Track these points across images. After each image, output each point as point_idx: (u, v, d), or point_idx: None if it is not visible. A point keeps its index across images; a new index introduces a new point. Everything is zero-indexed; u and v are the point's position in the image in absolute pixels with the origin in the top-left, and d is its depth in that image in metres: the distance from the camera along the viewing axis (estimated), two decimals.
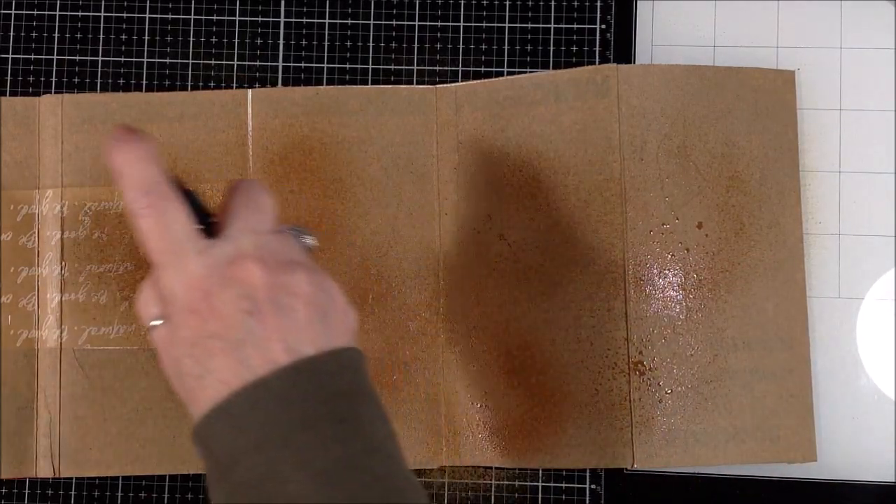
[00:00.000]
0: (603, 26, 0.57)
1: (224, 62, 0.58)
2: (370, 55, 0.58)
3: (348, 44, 0.58)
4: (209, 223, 0.39)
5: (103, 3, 0.58)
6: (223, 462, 0.36)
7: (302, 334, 0.37)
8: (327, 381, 0.37)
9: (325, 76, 0.57)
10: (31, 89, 0.57)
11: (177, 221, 0.38)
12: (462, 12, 0.58)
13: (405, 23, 0.58)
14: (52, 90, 0.57)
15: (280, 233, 0.40)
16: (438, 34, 0.57)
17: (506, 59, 0.57)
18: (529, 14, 0.57)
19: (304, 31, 0.58)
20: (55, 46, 0.58)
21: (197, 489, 0.55)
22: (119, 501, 0.55)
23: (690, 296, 0.54)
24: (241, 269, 0.37)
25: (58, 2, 0.58)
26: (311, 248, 0.42)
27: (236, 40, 0.58)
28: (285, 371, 0.36)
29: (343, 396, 0.37)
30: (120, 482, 0.56)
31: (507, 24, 0.57)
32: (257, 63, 0.58)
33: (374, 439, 0.37)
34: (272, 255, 0.38)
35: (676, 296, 0.54)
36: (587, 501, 0.55)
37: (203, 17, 0.58)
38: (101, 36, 0.58)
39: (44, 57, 0.58)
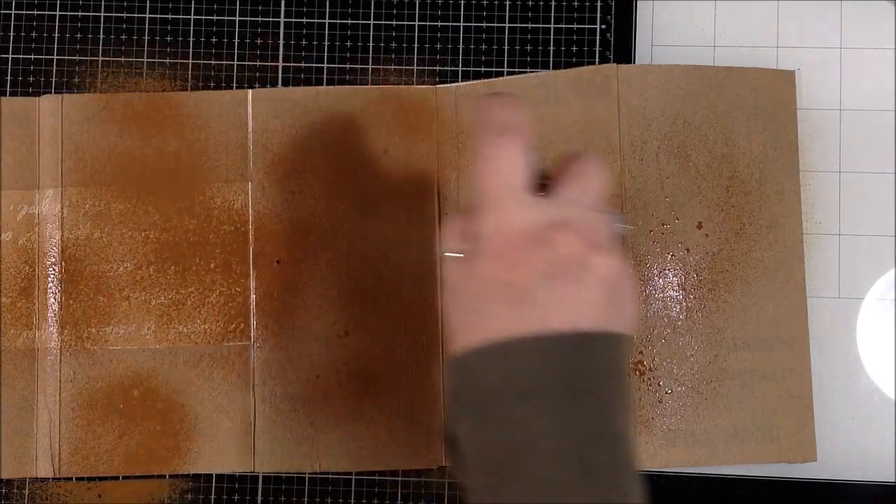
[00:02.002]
0: (603, 26, 0.57)
1: (224, 62, 0.58)
2: (370, 55, 0.58)
3: (348, 44, 0.58)
4: (541, 184, 0.41)
5: (103, 3, 0.58)
6: (481, 396, 0.38)
7: (587, 311, 0.38)
8: (597, 358, 0.38)
9: (325, 76, 0.57)
10: (31, 89, 0.57)
11: (515, 170, 0.39)
12: (462, 12, 0.58)
13: (405, 23, 0.58)
14: (52, 90, 0.57)
15: (601, 213, 0.41)
16: (438, 34, 0.57)
17: (506, 59, 0.57)
18: (529, 14, 0.57)
19: (304, 31, 0.58)
20: (55, 46, 0.58)
21: (197, 489, 0.55)
22: (119, 501, 0.55)
23: (690, 296, 0.54)
24: (556, 235, 0.39)
25: (58, 2, 0.58)
26: (624, 236, 0.43)
27: (236, 40, 0.58)
28: (563, 337, 0.38)
29: (606, 376, 0.38)
30: (120, 482, 0.56)
31: (507, 24, 0.57)
32: (257, 63, 0.58)
33: (618, 425, 0.38)
34: (588, 231, 0.39)
35: (676, 296, 0.54)
36: None
37: (203, 17, 0.58)
38: (101, 36, 0.58)
39: (44, 57, 0.58)
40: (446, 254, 0.41)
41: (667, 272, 0.55)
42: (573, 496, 0.36)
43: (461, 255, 0.40)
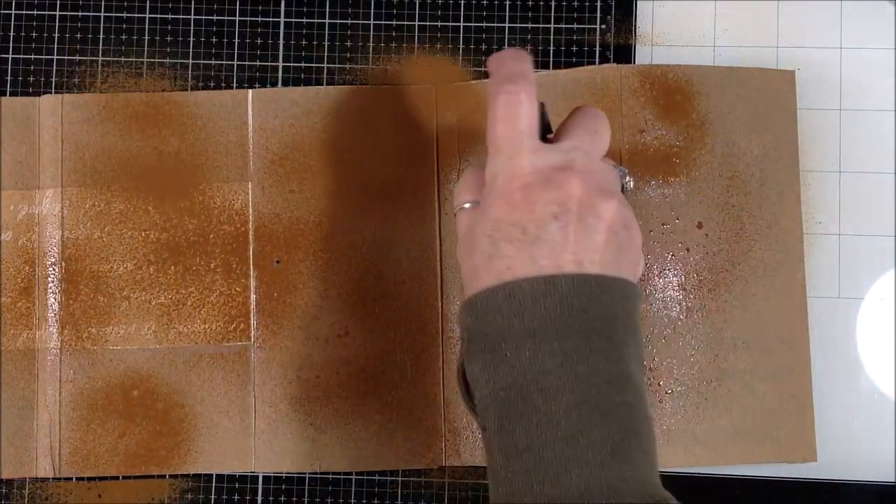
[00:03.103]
0: (603, 26, 0.57)
1: (224, 62, 0.58)
2: (370, 55, 0.58)
3: (348, 44, 0.58)
4: (546, 137, 0.42)
5: (103, 3, 0.58)
6: (492, 336, 0.39)
7: (594, 255, 0.39)
8: (605, 301, 0.39)
9: (325, 76, 0.57)
10: (31, 89, 0.57)
11: (525, 116, 0.40)
12: (462, 12, 0.58)
13: (405, 23, 0.58)
14: (52, 90, 0.57)
15: (605, 162, 0.42)
16: (438, 34, 0.57)
17: None
18: (529, 14, 0.57)
19: (304, 31, 0.58)
20: (55, 46, 0.58)
21: (197, 489, 0.56)
22: (119, 501, 0.55)
23: (690, 296, 0.54)
24: (564, 178, 0.39)
25: (58, 2, 0.58)
26: (627, 189, 0.44)
27: (236, 40, 0.58)
28: (571, 278, 0.38)
29: (614, 319, 0.39)
30: (120, 482, 0.56)
31: (507, 24, 0.57)
32: (257, 63, 0.58)
33: (631, 370, 0.39)
34: (595, 177, 0.40)
35: (676, 296, 0.54)
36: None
37: (203, 17, 0.58)
38: (101, 36, 0.58)
39: (44, 57, 0.58)
40: (457, 207, 0.42)
41: (667, 272, 0.55)
42: (579, 432, 0.36)
43: (470, 206, 0.42)
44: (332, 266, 0.55)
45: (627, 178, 0.44)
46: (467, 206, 0.42)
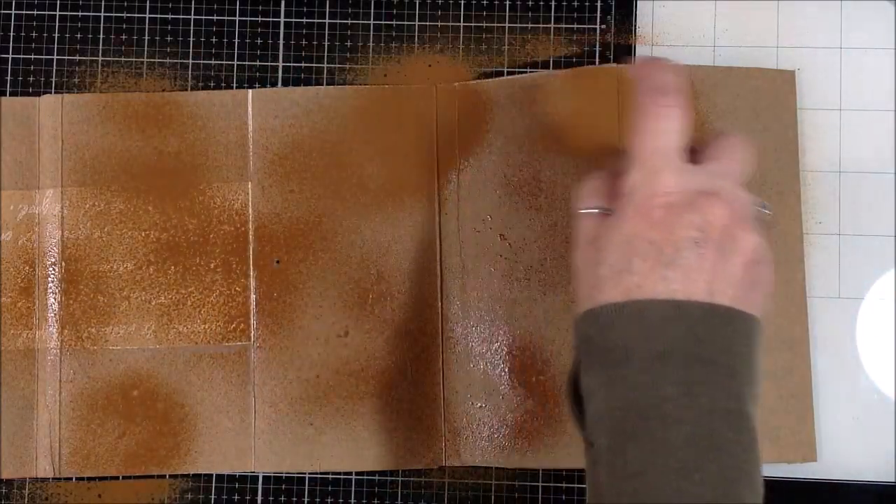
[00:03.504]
0: (603, 26, 0.57)
1: (224, 62, 0.58)
2: (370, 55, 0.58)
3: (348, 44, 0.58)
4: (689, 156, 0.41)
5: (103, 3, 0.58)
6: (614, 352, 0.38)
7: (728, 287, 0.38)
8: (731, 335, 0.38)
9: (325, 76, 0.57)
10: (31, 89, 0.57)
11: (674, 132, 0.40)
12: (462, 12, 0.58)
13: (405, 23, 0.58)
14: (52, 90, 0.57)
15: (748, 193, 0.41)
16: (438, 34, 0.57)
17: (506, 59, 0.57)
18: (529, 14, 0.57)
19: (304, 31, 0.58)
20: (55, 46, 0.58)
21: (197, 489, 0.56)
22: (119, 501, 0.55)
23: None
24: (708, 204, 0.39)
25: (58, 2, 0.58)
26: (765, 220, 0.43)
27: (236, 40, 0.58)
28: (703, 305, 0.37)
29: (739, 356, 0.38)
30: (120, 482, 0.56)
31: (507, 24, 0.57)
32: (257, 63, 0.58)
33: (748, 408, 0.38)
34: (739, 207, 0.39)
35: None
36: (587, 502, 0.55)
37: (203, 17, 0.58)
38: (101, 36, 0.58)
39: (44, 57, 0.58)
40: (583, 210, 0.41)
41: None
42: (694, 467, 0.36)
43: (598, 211, 0.41)
44: (332, 266, 0.55)
45: (766, 210, 0.43)
46: (591, 211, 0.41)
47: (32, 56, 0.58)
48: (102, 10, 0.58)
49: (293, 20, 0.58)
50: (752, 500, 0.37)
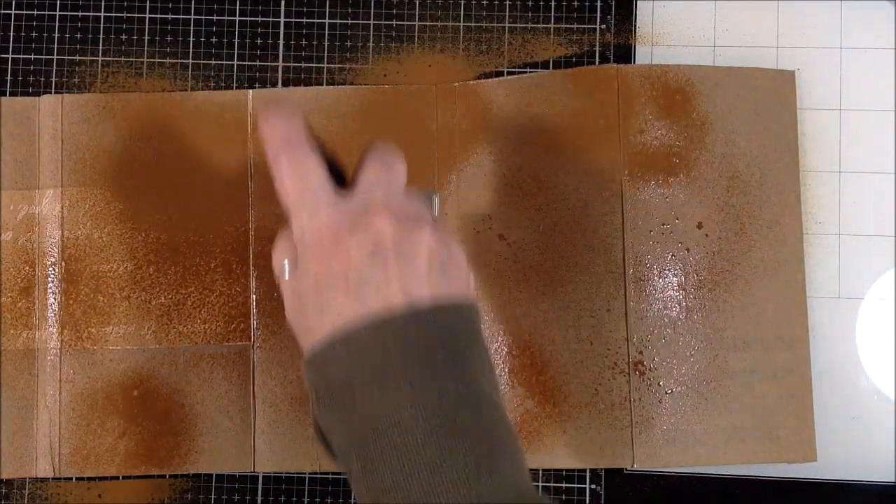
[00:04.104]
0: (603, 26, 0.57)
1: (224, 62, 0.58)
2: (370, 55, 0.58)
3: (348, 44, 0.58)
4: (343, 183, 0.42)
5: (103, 3, 0.58)
6: (338, 387, 0.39)
7: (420, 282, 0.39)
8: (443, 326, 0.39)
9: (325, 76, 0.57)
10: (31, 89, 0.57)
11: (313, 172, 0.40)
12: (462, 12, 0.58)
13: (405, 23, 0.58)
14: (52, 90, 0.57)
15: (408, 191, 0.42)
16: (438, 34, 0.57)
17: (506, 58, 0.57)
18: (529, 14, 0.57)
19: (304, 31, 0.58)
20: (55, 46, 0.58)
21: (197, 489, 0.56)
22: (119, 501, 0.55)
23: (690, 296, 0.54)
24: (371, 218, 0.40)
25: (58, 2, 0.58)
26: (436, 210, 0.45)
27: (236, 40, 0.58)
28: (403, 311, 0.38)
29: (456, 342, 0.39)
30: (120, 482, 0.56)
31: (507, 24, 0.57)
32: (257, 63, 0.58)
33: (482, 387, 0.39)
34: (400, 209, 0.40)
35: (676, 296, 0.54)
36: (587, 501, 0.55)
37: (203, 17, 0.58)
38: (101, 36, 0.58)
39: (44, 57, 0.58)
40: (281, 271, 0.42)
41: (667, 272, 0.55)
42: (440, 459, 0.37)
43: (289, 266, 0.41)
44: None
45: (435, 198, 0.45)
46: (286, 270, 0.42)
47: (32, 56, 0.58)
48: (102, 10, 0.58)
49: (293, 20, 0.58)
50: (509, 467, 0.38)
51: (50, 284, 0.55)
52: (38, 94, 0.57)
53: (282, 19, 0.58)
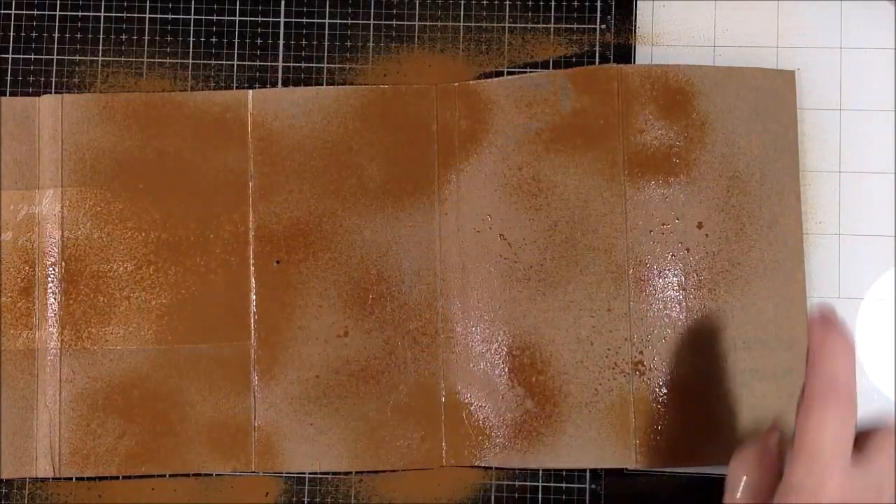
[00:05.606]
0: (603, 26, 0.57)
1: (224, 62, 0.58)
2: (370, 55, 0.58)
3: (348, 44, 0.58)
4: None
5: (103, 3, 0.58)
6: None
7: None
8: None
9: (325, 76, 0.58)
10: (31, 89, 0.57)
11: (843, 433, 0.38)
12: (462, 12, 0.58)
13: (405, 23, 0.58)
14: (52, 90, 0.57)
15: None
16: (438, 34, 0.58)
17: (506, 58, 0.57)
18: (529, 14, 0.57)
19: (304, 31, 0.58)
20: (55, 46, 0.58)
21: (198, 489, 0.56)
22: (119, 501, 0.55)
23: (691, 296, 0.54)
24: None
25: (58, 2, 0.58)
26: None
27: (236, 40, 0.58)
28: None
29: None
30: (120, 482, 0.56)
31: (507, 24, 0.57)
32: (257, 63, 0.58)
33: None
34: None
35: (676, 296, 0.54)
36: (587, 501, 0.55)
37: (203, 17, 0.58)
38: (101, 36, 0.58)
39: (44, 57, 0.58)
40: (733, 487, 0.40)
41: (667, 272, 0.55)
42: None
43: (744, 488, 0.39)
44: (332, 266, 0.55)
45: None
46: (740, 488, 0.40)
47: (32, 56, 0.58)
48: (102, 10, 0.58)
49: (293, 20, 0.58)
50: None
51: (50, 284, 0.55)
52: (38, 94, 0.57)
53: (282, 19, 0.58)
